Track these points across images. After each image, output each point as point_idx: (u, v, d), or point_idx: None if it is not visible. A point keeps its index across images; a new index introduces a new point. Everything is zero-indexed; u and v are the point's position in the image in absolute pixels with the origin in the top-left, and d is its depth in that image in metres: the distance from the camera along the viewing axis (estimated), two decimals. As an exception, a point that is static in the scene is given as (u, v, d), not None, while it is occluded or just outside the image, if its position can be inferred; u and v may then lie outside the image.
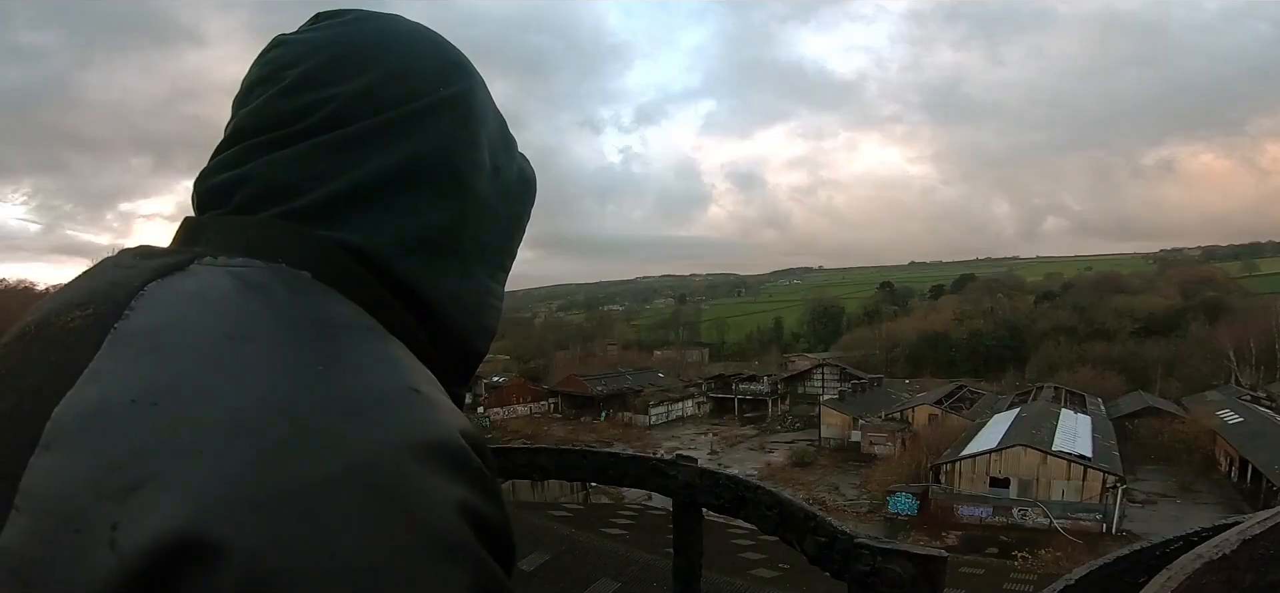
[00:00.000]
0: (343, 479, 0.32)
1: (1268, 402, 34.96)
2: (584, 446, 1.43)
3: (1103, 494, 23.76)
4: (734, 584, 3.50)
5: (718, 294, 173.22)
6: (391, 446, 0.34)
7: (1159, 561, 0.59)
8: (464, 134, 0.50)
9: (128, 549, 0.30)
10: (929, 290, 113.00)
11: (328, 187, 0.45)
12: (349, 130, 0.46)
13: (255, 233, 0.44)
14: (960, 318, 76.81)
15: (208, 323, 0.37)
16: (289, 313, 0.39)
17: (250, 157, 0.46)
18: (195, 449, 0.32)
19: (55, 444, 0.33)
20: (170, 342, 0.36)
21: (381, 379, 0.37)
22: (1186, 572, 0.47)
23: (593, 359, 67.14)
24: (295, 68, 0.47)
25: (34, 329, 0.41)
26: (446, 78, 0.50)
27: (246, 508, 0.30)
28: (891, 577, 0.76)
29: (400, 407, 0.36)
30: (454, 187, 0.49)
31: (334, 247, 0.44)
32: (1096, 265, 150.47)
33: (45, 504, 0.32)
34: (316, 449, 0.32)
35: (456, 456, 0.36)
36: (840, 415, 37.88)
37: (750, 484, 1.04)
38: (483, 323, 0.52)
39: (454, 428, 0.37)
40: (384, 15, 0.51)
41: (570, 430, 44.33)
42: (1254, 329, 50.71)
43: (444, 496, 0.34)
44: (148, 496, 0.31)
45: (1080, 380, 46.77)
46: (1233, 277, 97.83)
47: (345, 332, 0.40)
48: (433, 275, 0.48)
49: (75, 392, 0.35)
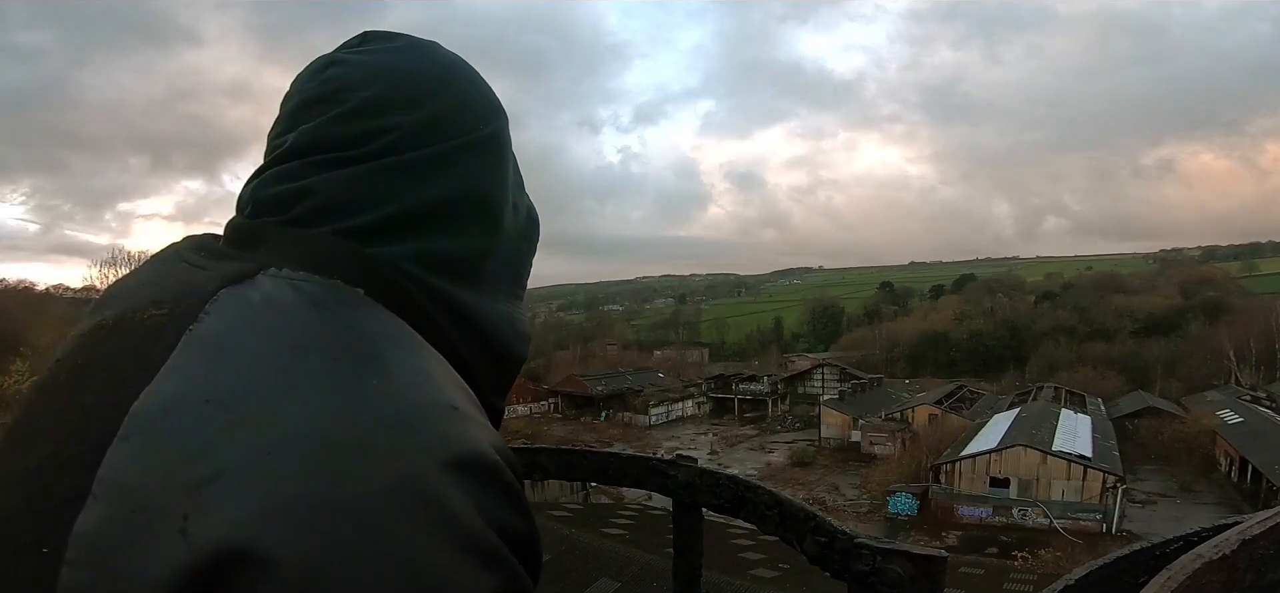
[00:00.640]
0: (390, 491, 0.35)
1: (1268, 402, 34.93)
2: (584, 446, 1.43)
3: (1103, 494, 23.75)
4: (734, 584, 3.50)
5: (718, 294, 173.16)
6: (433, 460, 0.37)
7: (1159, 561, 0.59)
8: (499, 171, 0.54)
9: (198, 541, 0.32)
10: (929, 290, 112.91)
11: (382, 209, 0.48)
12: (405, 158, 0.49)
13: (315, 248, 0.46)
14: (960, 318, 76.74)
15: (273, 333, 0.40)
16: (344, 327, 0.42)
17: (310, 172, 0.48)
18: (259, 453, 0.35)
19: (133, 436, 0.36)
20: (240, 347, 0.39)
21: (424, 395, 0.40)
22: (1186, 572, 0.47)
23: (593, 359, 67.12)
24: (356, 92, 0.49)
25: (112, 322, 0.43)
26: (488, 115, 0.54)
27: (297, 518, 0.33)
28: (891, 577, 0.76)
29: (441, 422, 0.39)
30: (488, 218, 0.53)
31: (385, 265, 0.47)
32: (1096, 265, 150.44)
33: (121, 493, 0.34)
34: (366, 461, 0.35)
35: (491, 469, 0.39)
36: (840, 415, 37.87)
37: (750, 484, 1.04)
38: (518, 330, 0.56)
39: (488, 443, 0.40)
40: (432, 46, 0.54)
41: (570, 431, 44.31)
42: (1254, 329, 50.67)
43: (479, 507, 0.37)
44: (216, 493, 0.33)
45: (1080, 380, 46.78)
46: (1233, 277, 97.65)
47: (392, 348, 0.42)
48: (468, 296, 0.51)
49: (153, 387, 0.37)
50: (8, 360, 20.37)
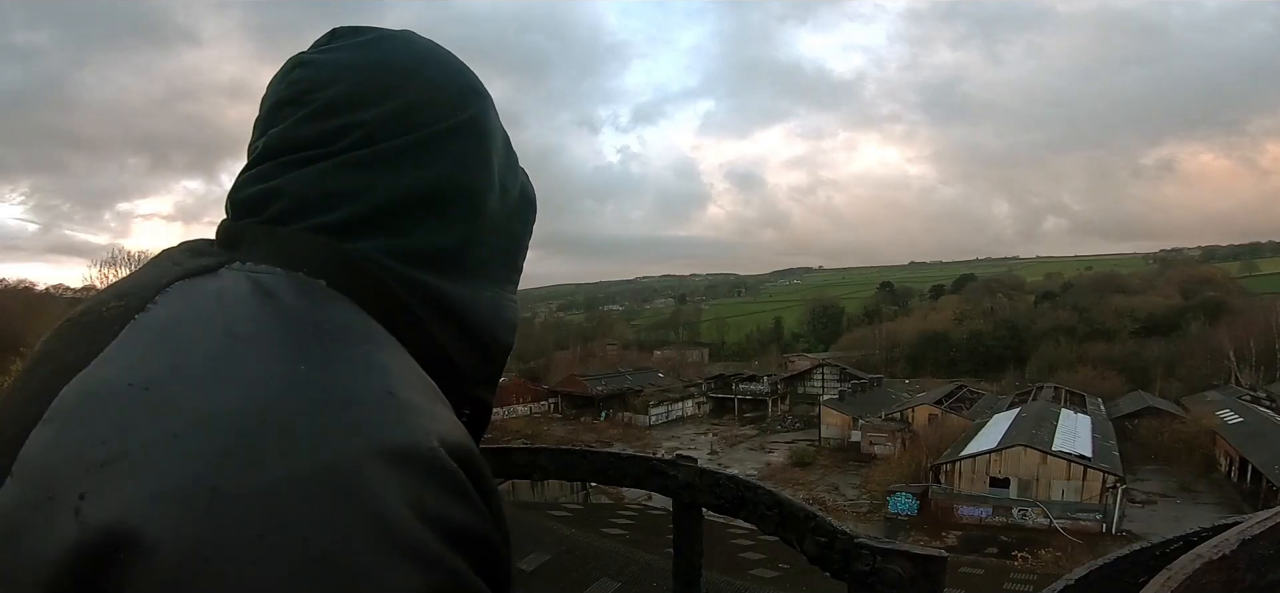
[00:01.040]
0: (306, 479, 0.33)
1: (1268, 402, 34.89)
2: (584, 446, 1.43)
3: (1103, 494, 23.74)
4: (734, 584, 3.50)
5: (717, 294, 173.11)
6: (355, 447, 0.35)
7: (1158, 561, 0.59)
8: (478, 156, 0.53)
9: (89, 521, 0.32)
10: (929, 290, 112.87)
11: (354, 204, 0.48)
12: (373, 151, 0.48)
13: (288, 244, 0.46)
14: (960, 318, 76.70)
15: (212, 320, 0.40)
16: (290, 315, 0.41)
17: (279, 173, 0.48)
18: (167, 436, 0.33)
19: (55, 419, 0.36)
20: (176, 334, 0.39)
21: (360, 383, 0.38)
22: (1186, 572, 0.47)
23: (593, 359, 67.11)
24: (323, 90, 0.49)
25: (78, 315, 0.44)
26: (464, 101, 0.53)
27: (192, 503, 0.32)
28: (891, 577, 0.76)
29: (373, 410, 0.37)
30: (468, 206, 0.52)
31: (355, 258, 0.47)
32: (1096, 265, 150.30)
33: (32, 473, 0.34)
34: (281, 447, 0.34)
35: (430, 462, 0.36)
36: (840, 415, 37.85)
37: (750, 484, 1.04)
38: (503, 318, 0.55)
39: (429, 433, 0.37)
40: (402, 36, 0.53)
41: (570, 431, 44.31)
42: (1254, 329, 50.64)
43: (414, 501, 0.35)
44: (115, 474, 0.33)
45: (1080, 380, 46.78)
46: (1233, 277, 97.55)
47: (339, 336, 0.41)
48: (450, 286, 0.51)
49: (85, 372, 0.37)
50: (8, 360, 20.37)
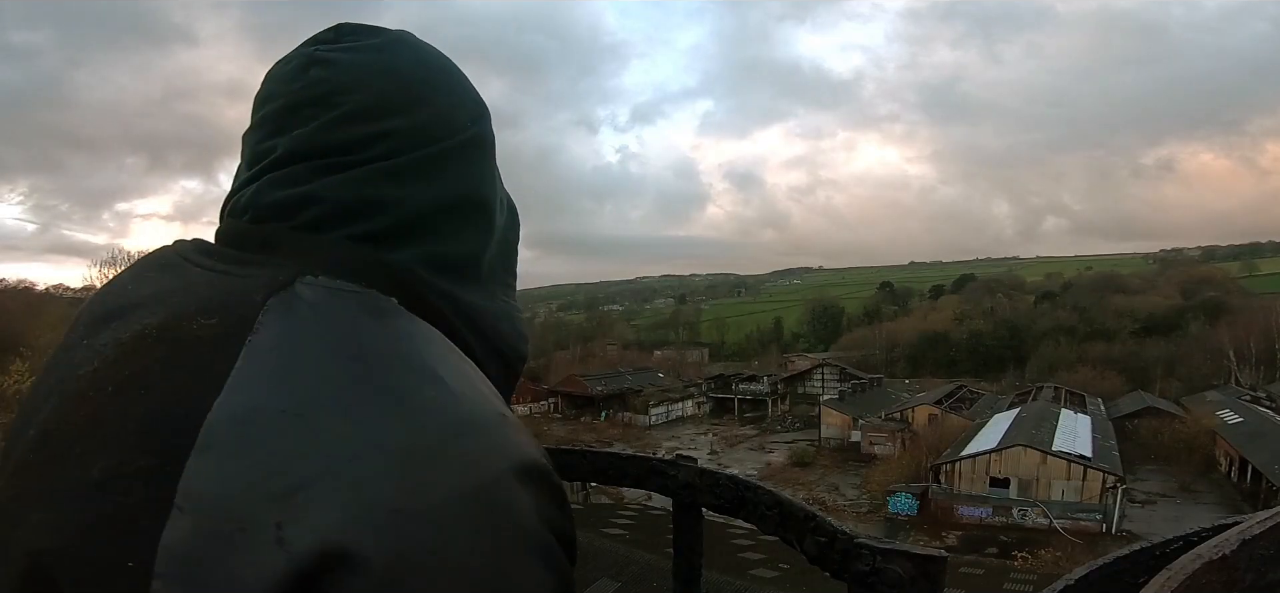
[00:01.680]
0: (466, 498, 0.37)
1: (1268, 402, 34.91)
2: (584, 446, 1.43)
3: (1103, 494, 23.73)
4: (734, 584, 3.49)
5: (717, 294, 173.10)
6: (496, 467, 0.39)
7: (1158, 561, 0.58)
8: (489, 167, 0.54)
9: (296, 547, 0.33)
10: (929, 290, 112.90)
11: (389, 214, 0.48)
12: (403, 160, 0.49)
13: (337, 254, 0.46)
14: (960, 318, 76.74)
15: (331, 344, 0.41)
16: (394, 337, 0.43)
17: (310, 177, 0.48)
18: (342, 461, 0.36)
19: (212, 448, 0.36)
20: (302, 358, 0.40)
21: (481, 404, 0.42)
22: (1186, 572, 0.47)
23: (593, 359, 67.10)
24: (350, 95, 0.48)
25: (156, 332, 0.43)
26: (476, 114, 0.54)
27: (385, 522, 0.35)
28: (891, 577, 0.76)
29: (499, 430, 0.41)
30: (485, 216, 0.53)
31: (400, 271, 0.48)
32: (1096, 265, 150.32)
33: (208, 504, 0.35)
34: (442, 469, 0.37)
35: (543, 474, 0.41)
36: (840, 415, 37.84)
37: (750, 484, 1.04)
38: (517, 329, 0.57)
39: (535, 450, 0.42)
40: (409, 41, 0.53)
41: (570, 431, 44.21)
42: (1254, 329, 50.65)
43: (537, 509, 0.40)
44: (307, 499, 0.34)
45: (1080, 380, 46.78)
46: (1233, 277, 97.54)
47: (440, 357, 0.43)
48: (473, 297, 0.52)
49: (224, 399, 0.37)
50: (8, 360, 20.38)
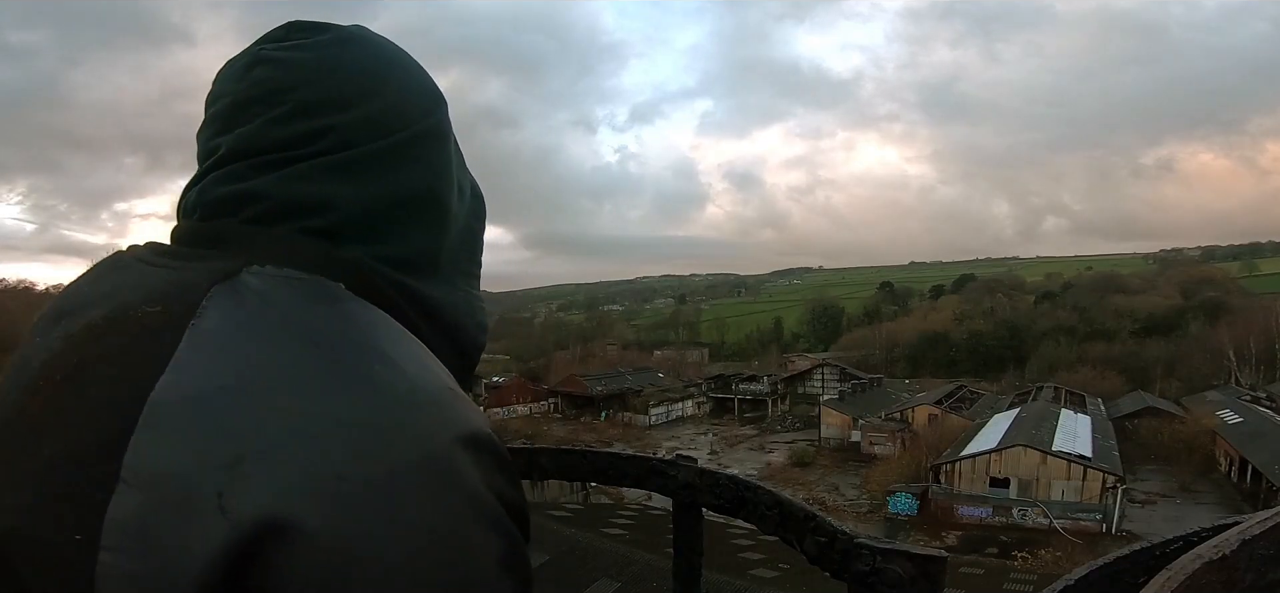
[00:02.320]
0: (414, 467, 0.38)
1: (1268, 402, 34.86)
2: (584, 446, 1.43)
3: (1103, 494, 23.73)
4: (734, 584, 3.49)
5: (717, 294, 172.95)
6: (445, 437, 0.40)
7: (1158, 561, 0.59)
8: (443, 159, 0.54)
9: (237, 515, 0.34)
10: (929, 290, 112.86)
11: (338, 208, 0.48)
12: (349, 155, 0.49)
13: (286, 246, 0.47)
14: (960, 318, 76.71)
15: (275, 326, 0.42)
16: (341, 320, 0.44)
17: (253, 174, 0.48)
18: (287, 433, 0.37)
19: (157, 424, 0.37)
20: (246, 340, 0.41)
21: (429, 380, 0.43)
22: (1186, 572, 0.47)
23: (593, 359, 67.13)
24: (293, 92, 0.48)
25: (102, 322, 0.44)
26: (429, 107, 0.54)
27: (329, 494, 0.36)
28: (891, 577, 0.76)
29: (445, 403, 0.42)
30: (439, 209, 0.54)
31: (351, 260, 0.48)
32: (1096, 265, 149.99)
33: (153, 478, 0.36)
34: (389, 440, 0.38)
35: (488, 445, 0.42)
36: (840, 416, 37.84)
37: (750, 484, 1.04)
38: (477, 320, 0.58)
39: (482, 421, 0.43)
40: (363, 36, 0.53)
41: (570, 431, 44.28)
42: (1254, 329, 50.59)
43: (484, 478, 0.41)
44: (248, 470, 0.35)
45: (1080, 380, 46.74)
46: (1233, 277, 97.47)
47: (389, 338, 0.44)
48: (429, 288, 0.53)
49: (167, 378, 0.38)
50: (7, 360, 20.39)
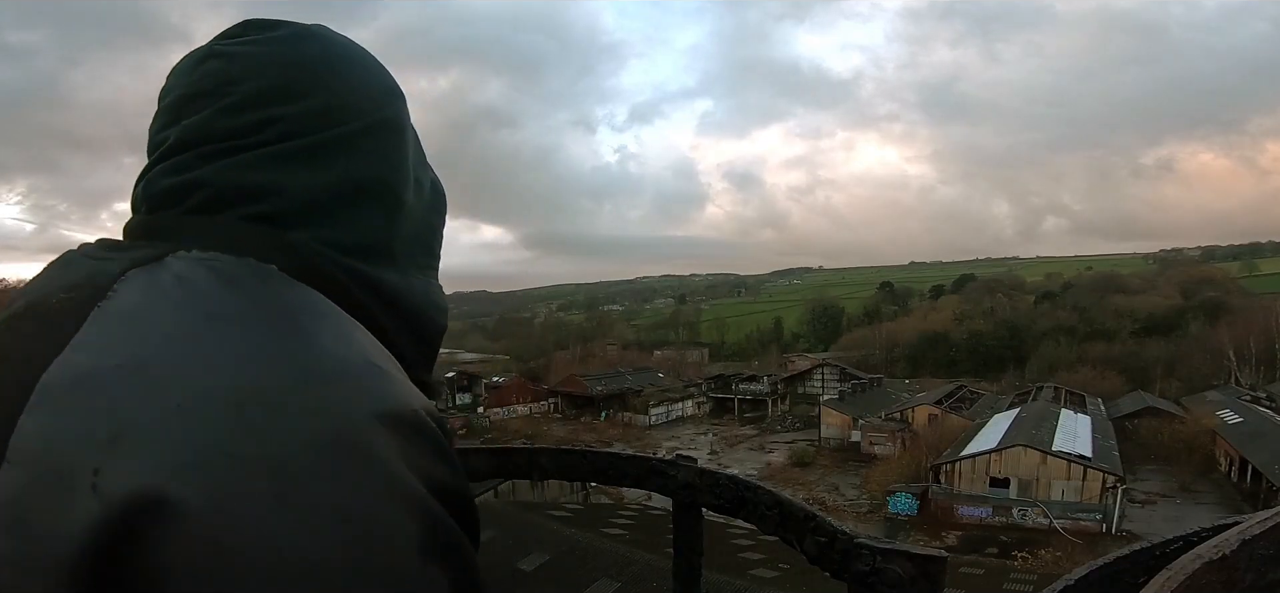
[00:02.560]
0: (312, 444, 0.36)
1: (1268, 402, 34.84)
2: (584, 446, 1.43)
3: (1103, 494, 23.72)
4: (734, 584, 3.49)
5: (717, 294, 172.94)
6: (358, 412, 0.38)
7: (1158, 561, 0.58)
8: (397, 152, 0.55)
9: (109, 493, 0.33)
10: (929, 290, 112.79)
11: (283, 196, 0.48)
12: (294, 145, 0.49)
13: (226, 232, 0.46)
14: (960, 318, 76.67)
15: (185, 304, 0.41)
16: (260, 298, 0.43)
17: (200, 164, 0.48)
18: (175, 410, 0.35)
19: (43, 404, 0.36)
20: (150, 318, 0.40)
21: (347, 354, 0.41)
22: (1186, 572, 0.47)
23: (593, 359, 67.12)
24: (240, 84, 0.49)
25: (22, 311, 0.44)
26: (382, 101, 0.54)
27: (215, 471, 0.34)
28: (891, 577, 0.76)
29: (365, 378, 0.40)
30: (390, 200, 0.54)
31: (295, 245, 0.48)
32: (1096, 265, 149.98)
33: (35, 457, 0.35)
34: (286, 416, 0.36)
35: (415, 423, 0.40)
36: (840, 416, 37.81)
37: (750, 484, 1.04)
38: (434, 302, 0.58)
39: (411, 399, 0.41)
40: (319, 33, 0.54)
41: (570, 431, 44.28)
42: (1254, 329, 50.53)
43: (405, 458, 0.38)
44: (128, 447, 0.34)
45: (1080, 380, 46.69)
46: (1233, 277, 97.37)
47: (311, 314, 0.43)
48: (383, 274, 0.53)
49: (62, 358, 0.38)
50: None
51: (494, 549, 4.56)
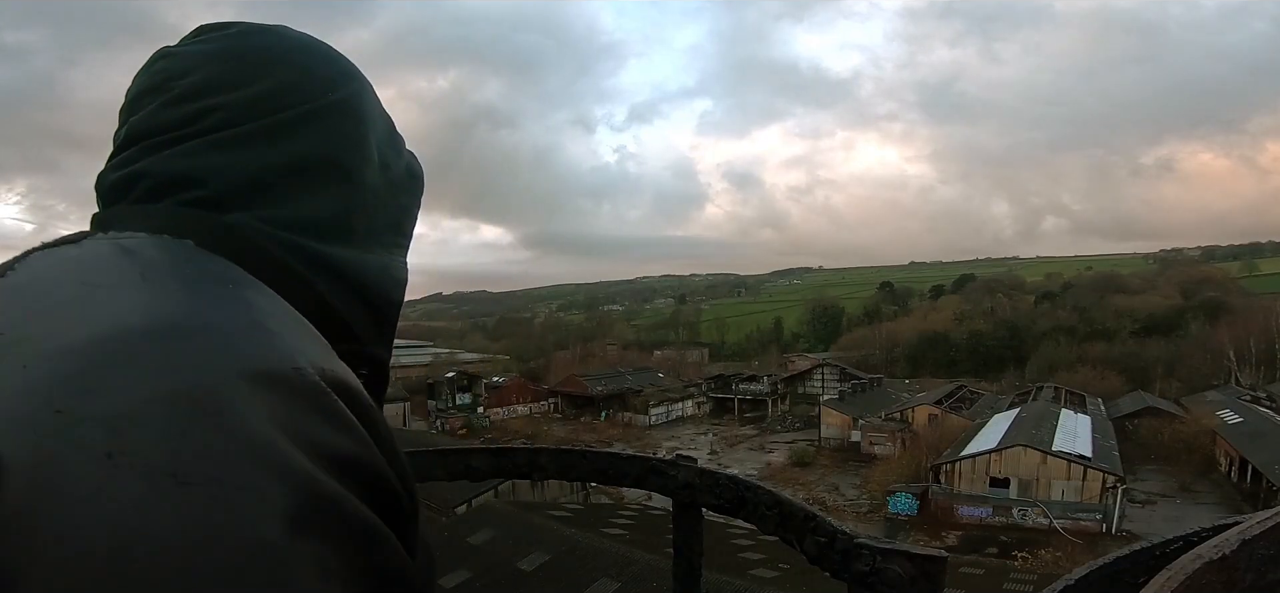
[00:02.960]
0: (156, 399, 0.33)
1: (1268, 402, 34.87)
2: (584, 446, 1.43)
3: (1103, 494, 23.73)
4: (734, 584, 3.50)
5: (717, 294, 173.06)
6: (217, 369, 0.34)
7: (1159, 561, 0.58)
8: (353, 134, 0.56)
9: None
10: (929, 290, 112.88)
11: (222, 178, 0.49)
12: (234, 132, 0.50)
13: (158, 217, 0.47)
14: (960, 318, 76.82)
15: (69, 276, 0.41)
16: (152, 266, 0.42)
17: (144, 156, 0.50)
18: (19, 369, 0.33)
19: None
20: (31, 288, 0.40)
21: (224, 313, 0.39)
22: (1186, 572, 0.47)
23: (593, 359, 67.19)
24: (183, 79, 0.51)
25: None
26: (334, 84, 0.55)
27: (39, 426, 0.31)
28: (891, 577, 0.76)
29: (236, 337, 0.37)
30: (341, 178, 0.54)
31: (231, 225, 0.48)
32: (1096, 265, 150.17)
33: None
34: (134, 371, 0.33)
35: (291, 382, 0.36)
36: (840, 416, 37.84)
37: (750, 484, 1.04)
38: (391, 277, 0.58)
39: (295, 357, 0.37)
40: (273, 29, 0.55)
41: (570, 431, 44.31)
42: (1254, 329, 50.61)
43: (272, 417, 0.34)
44: None
45: (1080, 380, 46.78)
46: (1233, 277, 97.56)
47: (202, 278, 0.42)
48: (333, 250, 0.53)
49: None
50: None
51: (494, 549, 4.52)
